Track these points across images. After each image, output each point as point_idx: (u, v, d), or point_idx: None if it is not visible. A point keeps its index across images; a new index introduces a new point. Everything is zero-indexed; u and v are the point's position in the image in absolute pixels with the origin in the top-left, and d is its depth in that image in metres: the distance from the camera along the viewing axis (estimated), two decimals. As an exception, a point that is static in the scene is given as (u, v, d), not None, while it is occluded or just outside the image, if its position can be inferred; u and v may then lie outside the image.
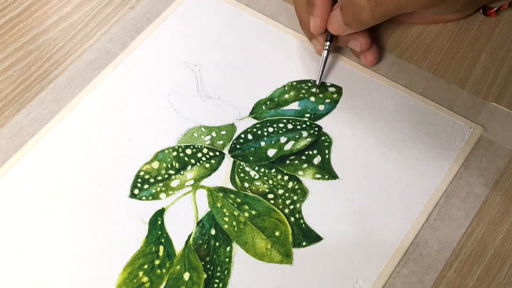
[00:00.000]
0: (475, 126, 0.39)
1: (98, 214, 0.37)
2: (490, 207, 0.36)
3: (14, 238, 0.36)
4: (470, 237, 0.35)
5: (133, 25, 0.46)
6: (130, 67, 0.44)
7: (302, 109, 0.41)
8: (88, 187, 0.38)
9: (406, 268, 0.34)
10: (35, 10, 0.47)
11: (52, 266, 0.35)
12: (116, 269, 0.35)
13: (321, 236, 0.36)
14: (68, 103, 0.42)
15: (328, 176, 0.38)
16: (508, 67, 0.42)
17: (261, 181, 0.38)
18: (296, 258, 0.35)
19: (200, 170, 0.38)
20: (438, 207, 0.36)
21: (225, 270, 0.35)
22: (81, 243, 0.36)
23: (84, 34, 0.46)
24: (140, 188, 0.38)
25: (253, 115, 0.41)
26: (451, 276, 0.34)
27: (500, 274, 0.34)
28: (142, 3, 0.47)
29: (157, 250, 0.35)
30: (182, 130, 0.40)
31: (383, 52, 0.43)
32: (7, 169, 0.39)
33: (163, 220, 0.37)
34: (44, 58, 0.44)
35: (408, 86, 0.41)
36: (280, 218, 0.36)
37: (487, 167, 0.37)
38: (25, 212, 0.37)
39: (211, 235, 0.36)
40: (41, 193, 0.38)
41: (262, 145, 0.39)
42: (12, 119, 0.41)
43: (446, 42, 0.43)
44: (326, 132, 0.40)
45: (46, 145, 0.40)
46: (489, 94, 0.41)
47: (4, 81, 0.43)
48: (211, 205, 0.37)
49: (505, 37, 0.43)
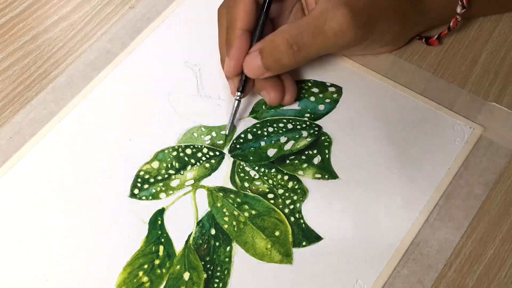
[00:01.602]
0: (475, 126, 0.39)
1: (98, 214, 0.37)
2: (490, 207, 0.36)
3: (14, 238, 0.36)
4: (470, 237, 0.35)
5: (133, 25, 0.46)
6: (130, 67, 0.44)
7: (302, 109, 0.41)
8: (88, 187, 0.38)
9: (406, 268, 0.34)
10: (35, 10, 0.47)
11: (52, 266, 0.35)
12: (116, 269, 0.35)
13: (321, 236, 0.36)
14: (68, 103, 0.42)
15: (328, 176, 0.38)
16: (508, 67, 0.42)
17: (261, 181, 0.38)
18: (296, 258, 0.35)
19: (200, 170, 0.38)
20: (438, 207, 0.36)
21: (225, 270, 0.35)
22: (81, 243, 0.36)
23: (84, 34, 0.46)
24: (140, 188, 0.38)
25: (253, 115, 0.41)
26: (451, 276, 0.34)
27: (500, 274, 0.34)
28: (142, 3, 0.47)
29: (157, 250, 0.35)
30: (182, 130, 0.40)
31: (383, 52, 0.43)
32: (7, 169, 0.39)
33: (163, 220, 0.37)
34: (44, 58, 0.44)
35: (408, 86, 0.41)
36: (280, 218, 0.36)
37: (487, 167, 0.37)
38: (25, 212, 0.37)
39: (211, 235, 0.36)
40: (41, 193, 0.38)
41: (262, 145, 0.39)
42: (12, 119, 0.41)
43: (446, 42, 0.43)
44: (326, 132, 0.40)
45: (46, 145, 0.40)
46: (489, 94, 0.41)
47: (4, 81, 0.43)
48: (211, 205, 0.37)
49: (505, 37, 0.43)
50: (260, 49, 0.36)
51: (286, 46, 0.35)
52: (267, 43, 0.36)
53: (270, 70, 0.36)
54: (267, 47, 0.36)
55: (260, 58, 0.36)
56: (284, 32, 0.35)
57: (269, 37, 0.36)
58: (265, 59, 0.36)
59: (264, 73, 0.36)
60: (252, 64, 0.36)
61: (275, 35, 0.36)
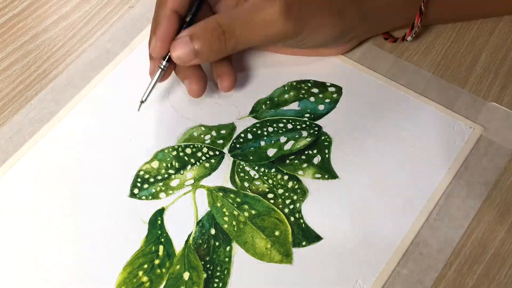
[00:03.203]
0: (475, 126, 0.39)
1: (97, 213, 0.37)
2: (490, 207, 0.36)
3: (13, 238, 0.36)
4: (470, 237, 0.35)
5: (133, 25, 0.46)
6: (130, 67, 0.43)
7: (302, 109, 0.41)
8: (88, 186, 0.38)
9: (406, 268, 0.34)
10: (34, 10, 0.47)
11: (52, 265, 0.35)
12: (116, 268, 0.35)
13: (321, 235, 0.36)
14: (67, 103, 0.42)
15: (328, 175, 0.38)
16: (508, 67, 0.42)
17: (261, 180, 0.38)
18: (295, 258, 0.35)
19: (200, 169, 0.38)
20: (438, 207, 0.36)
21: (225, 270, 0.35)
22: (80, 242, 0.36)
23: (84, 33, 0.46)
24: (140, 188, 0.38)
25: (253, 115, 0.41)
26: (451, 276, 0.34)
27: (500, 274, 0.34)
28: (141, 2, 0.47)
29: (157, 250, 0.35)
30: (182, 130, 0.40)
31: (383, 52, 0.43)
32: (7, 168, 0.39)
33: (163, 219, 0.36)
34: (43, 58, 0.44)
35: (408, 86, 0.41)
36: (280, 218, 0.36)
37: (487, 167, 0.37)
38: (25, 211, 0.37)
39: (211, 234, 0.36)
40: (41, 192, 0.38)
41: (262, 145, 0.39)
42: (11, 118, 0.41)
43: (446, 42, 0.43)
44: (326, 131, 0.40)
45: (46, 144, 0.40)
46: (489, 94, 0.41)
47: (4, 81, 0.43)
48: (211, 204, 0.37)
49: (505, 37, 0.43)
50: (191, 34, 0.35)
51: (218, 33, 0.35)
52: (198, 29, 0.35)
53: (199, 56, 0.35)
54: (198, 32, 0.35)
55: (191, 43, 0.35)
56: (216, 19, 0.35)
57: (201, 23, 0.35)
58: (195, 44, 0.35)
59: (192, 59, 0.36)
60: (181, 50, 0.35)
61: (207, 21, 0.35)
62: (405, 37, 0.42)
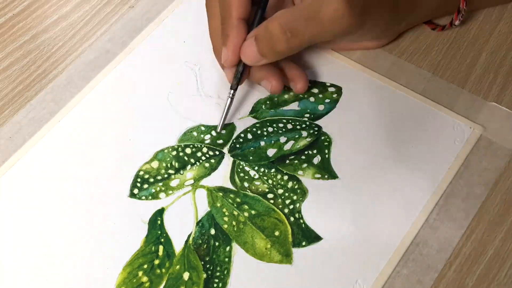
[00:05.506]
0: (475, 126, 0.39)
1: (97, 213, 0.37)
2: (490, 207, 0.36)
3: (13, 238, 0.36)
4: (470, 237, 0.35)
5: (133, 25, 0.46)
6: (130, 67, 0.43)
7: (301, 109, 0.41)
8: (88, 186, 0.38)
9: (405, 268, 0.34)
10: (34, 10, 0.47)
11: (52, 265, 0.35)
12: (116, 268, 0.35)
13: (321, 236, 0.36)
14: (67, 103, 0.42)
15: (327, 176, 0.38)
16: (508, 67, 0.42)
17: (260, 180, 0.38)
18: (295, 258, 0.35)
19: (200, 169, 0.38)
20: (438, 207, 0.36)
21: (225, 270, 0.35)
22: (80, 242, 0.36)
23: (84, 33, 0.46)
24: (139, 188, 0.38)
25: (253, 115, 0.41)
26: (451, 276, 0.34)
27: (500, 274, 0.34)
28: (141, 2, 0.47)
29: (156, 250, 0.35)
30: (182, 130, 0.40)
31: (383, 52, 0.43)
32: (7, 168, 0.39)
33: (162, 219, 0.36)
34: (43, 58, 0.44)
35: (408, 86, 0.41)
36: (279, 218, 0.36)
37: (487, 167, 0.37)
38: (25, 211, 0.37)
39: (210, 234, 0.36)
40: (41, 192, 0.38)
41: (262, 145, 0.39)
42: (11, 118, 0.41)
43: (446, 42, 0.43)
44: (326, 132, 0.40)
45: (46, 144, 0.40)
46: (489, 94, 0.41)
47: (4, 81, 0.43)
48: (210, 204, 0.37)
49: (505, 37, 0.43)
50: (255, 35, 0.36)
51: (280, 32, 0.35)
52: (261, 30, 0.36)
53: (266, 56, 0.36)
54: (261, 33, 0.36)
55: (256, 45, 0.36)
56: (278, 18, 0.35)
57: (263, 24, 0.36)
58: (260, 45, 0.36)
59: (260, 60, 0.36)
60: (248, 51, 0.36)
61: (269, 21, 0.35)
62: (453, 21, 0.42)
